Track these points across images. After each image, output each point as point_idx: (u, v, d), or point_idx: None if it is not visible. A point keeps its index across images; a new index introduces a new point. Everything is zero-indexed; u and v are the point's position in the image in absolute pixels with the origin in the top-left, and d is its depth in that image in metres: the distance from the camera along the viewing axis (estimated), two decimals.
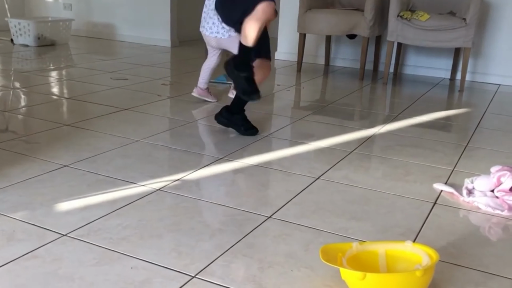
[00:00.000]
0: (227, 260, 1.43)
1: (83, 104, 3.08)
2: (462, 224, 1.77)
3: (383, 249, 1.35)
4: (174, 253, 1.45)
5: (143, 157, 2.19)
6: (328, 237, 1.59)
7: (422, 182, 2.10)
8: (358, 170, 2.20)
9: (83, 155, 2.17)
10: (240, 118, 2.59)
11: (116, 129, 2.57)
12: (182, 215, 1.68)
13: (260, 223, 1.66)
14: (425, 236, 1.64)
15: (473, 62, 4.41)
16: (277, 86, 4.02)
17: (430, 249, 1.31)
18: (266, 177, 2.07)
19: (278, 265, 1.42)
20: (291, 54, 4.82)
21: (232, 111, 2.58)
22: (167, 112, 3.04)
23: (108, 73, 4.00)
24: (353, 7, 4.49)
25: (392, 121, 3.02)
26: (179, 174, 2.02)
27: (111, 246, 1.46)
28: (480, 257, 1.52)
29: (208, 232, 1.58)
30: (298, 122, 2.94)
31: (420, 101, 3.63)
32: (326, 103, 3.48)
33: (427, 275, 1.22)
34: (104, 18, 6.05)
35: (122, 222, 1.61)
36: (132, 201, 1.76)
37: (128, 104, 3.06)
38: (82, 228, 1.55)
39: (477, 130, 2.93)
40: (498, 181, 1.93)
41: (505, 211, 1.83)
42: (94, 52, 5.13)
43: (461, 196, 1.93)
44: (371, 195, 1.94)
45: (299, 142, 2.53)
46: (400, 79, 4.49)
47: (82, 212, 1.66)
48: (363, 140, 2.62)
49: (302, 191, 1.94)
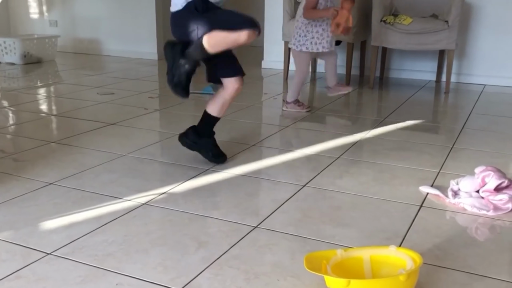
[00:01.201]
0: (213, 272, 1.42)
1: (70, 121, 3.07)
2: (448, 226, 1.78)
3: (368, 255, 1.35)
4: (160, 267, 1.44)
5: (129, 172, 2.18)
6: (314, 245, 1.59)
7: (408, 185, 2.10)
8: (344, 176, 2.20)
9: (68, 172, 2.16)
10: (209, 142, 2.32)
11: (102, 144, 2.56)
12: (168, 229, 1.68)
13: (246, 234, 1.66)
14: (411, 239, 1.64)
15: (458, 63, 4.44)
16: (264, 94, 4.03)
17: (414, 253, 1.31)
18: (252, 187, 2.07)
19: (264, 275, 1.42)
20: (278, 63, 4.84)
21: (200, 133, 2.31)
22: (154, 125, 3.04)
23: (95, 88, 4.00)
24: None
25: (379, 125, 3.03)
26: (165, 187, 2.02)
27: (96, 263, 1.46)
28: (466, 258, 1.53)
29: (194, 245, 1.57)
30: (285, 130, 2.95)
31: (407, 104, 3.65)
32: (313, 110, 3.49)
33: (411, 279, 1.23)
34: (90, 33, 6.05)
35: (107, 238, 1.60)
36: (117, 216, 1.76)
37: (115, 119, 3.05)
38: (66, 246, 1.55)
39: (463, 131, 2.95)
40: (483, 182, 1.94)
41: (491, 211, 1.84)
42: (80, 68, 5.12)
43: (447, 197, 1.94)
44: (357, 201, 1.94)
45: (286, 150, 2.53)
46: (386, 83, 4.52)
47: (67, 229, 1.66)
48: (350, 145, 2.63)
49: (288, 199, 1.94)
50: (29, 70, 4.90)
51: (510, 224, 1.78)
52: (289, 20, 4.32)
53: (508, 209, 1.85)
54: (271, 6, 4.93)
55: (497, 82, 4.39)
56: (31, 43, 5.26)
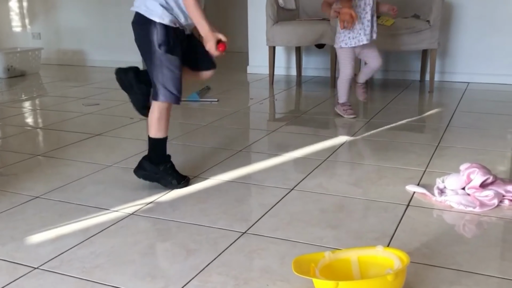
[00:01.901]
0: (202, 280, 1.42)
1: (55, 133, 3.05)
2: (435, 224, 1.79)
3: (356, 256, 1.36)
4: (148, 277, 1.43)
5: (115, 182, 2.17)
6: (303, 248, 1.59)
7: (395, 185, 2.11)
8: (332, 178, 2.21)
9: (54, 184, 2.15)
10: (168, 167, 2.11)
11: (88, 155, 2.55)
12: (156, 238, 1.67)
13: (235, 240, 1.65)
14: (399, 239, 1.65)
15: (441, 62, 4.48)
16: (251, 100, 4.04)
17: (401, 252, 1.32)
18: (240, 192, 2.07)
19: (253, 280, 1.41)
20: (263, 67, 4.85)
21: (154, 161, 2.11)
22: (140, 134, 3.02)
23: (80, 100, 3.98)
24: (319, 17, 4.53)
25: (365, 126, 3.05)
26: (152, 197, 2.01)
27: (84, 275, 1.44)
28: (453, 256, 1.54)
29: (182, 253, 1.57)
30: (272, 134, 2.95)
31: (392, 104, 3.68)
32: (300, 113, 3.50)
33: (398, 278, 1.23)
34: (73, 45, 6.02)
35: (95, 250, 1.59)
36: (104, 227, 1.75)
37: (101, 130, 3.04)
38: (54, 260, 1.53)
39: (448, 129, 2.97)
40: (468, 179, 1.95)
41: (477, 208, 1.85)
42: (65, 80, 5.10)
43: (433, 196, 1.95)
44: (345, 202, 1.95)
45: (273, 154, 2.53)
46: (371, 84, 4.54)
47: (54, 243, 1.64)
48: (337, 147, 2.64)
49: (276, 204, 1.94)
50: (13, 84, 4.86)
51: (497, 220, 1.79)
52: (273, 25, 4.33)
53: (494, 205, 1.86)
54: (254, 11, 4.94)
55: (480, 80, 4.43)
56: (14, 56, 5.22)
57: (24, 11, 6.24)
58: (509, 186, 1.93)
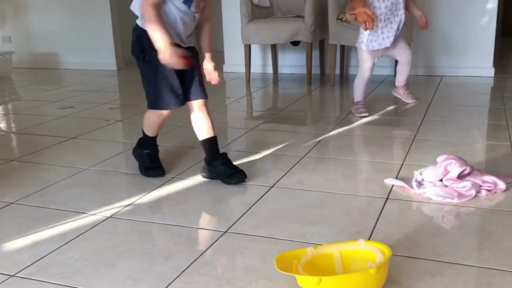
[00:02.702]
0: (184, 281, 1.40)
1: (29, 137, 2.99)
2: (415, 216, 1.80)
3: (338, 251, 1.36)
4: (129, 280, 1.41)
5: (92, 185, 2.13)
6: (285, 245, 1.59)
7: (373, 179, 2.12)
8: (311, 174, 2.21)
9: (30, 190, 2.10)
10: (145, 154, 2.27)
11: (64, 159, 2.50)
12: (136, 241, 1.65)
13: (216, 239, 1.64)
14: (380, 232, 1.66)
15: (415, 56, 4.50)
16: (228, 98, 4.02)
17: (382, 245, 1.32)
18: (220, 192, 2.06)
19: (236, 279, 1.40)
20: (239, 66, 4.83)
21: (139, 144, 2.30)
22: (116, 136, 2.99)
23: (54, 103, 3.91)
24: (293, 14, 4.54)
25: (342, 122, 3.06)
26: (131, 199, 1.98)
27: (63, 281, 1.41)
28: (434, 247, 1.55)
29: (163, 255, 1.55)
30: (250, 132, 2.94)
31: (367, 99, 3.69)
32: (277, 111, 3.50)
33: (381, 271, 1.23)
34: (46, 47, 5.92)
35: (73, 254, 1.56)
36: (83, 231, 1.71)
37: (76, 133, 2.99)
38: (31, 266, 1.50)
39: (423, 122, 3.00)
40: (445, 170, 1.97)
41: (455, 199, 1.87)
42: (38, 83, 5.01)
43: (412, 188, 1.97)
44: (325, 198, 1.95)
45: (253, 152, 2.52)
46: (346, 80, 4.57)
47: (31, 249, 1.61)
48: (315, 143, 2.64)
49: (257, 202, 1.93)
50: None
51: (475, 210, 1.81)
52: (247, 23, 4.32)
53: (472, 195, 1.88)
54: (228, 10, 4.93)
55: (453, 73, 4.50)
56: None
57: None
58: (486, 177, 1.96)
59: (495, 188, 1.93)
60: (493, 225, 1.69)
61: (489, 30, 4.36)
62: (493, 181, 1.95)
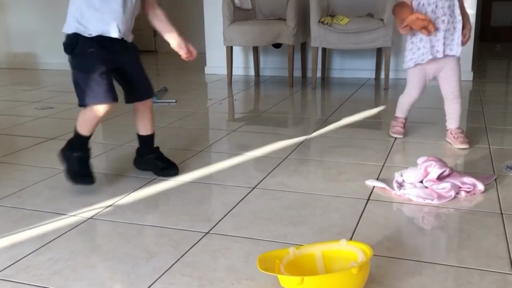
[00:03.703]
0: (165, 282, 1.39)
1: (7, 138, 2.94)
2: (395, 217, 1.82)
3: (320, 251, 1.36)
4: (110, 282, 1.40)
5: (72, 187, 2.10)
6: (267, 246, 1.59)
7: (354, 180, 2.14)
8: (293, 175, 2.21)
9: (7, 190, 2.07)
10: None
11: (43, 160, 2.47)
12: (116, 242, 1.63)
13: (198, 240, 1.63)
14: (361, 232, 1.67)
15: (395, 60, 4.57)
16: (209, 100, 4.01)
17: (364, 245, 1.33)
18: (202, 193, 2.05)
19: (218, 280, 1.40)
20: (221, 68, 4.82)
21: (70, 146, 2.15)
22: (96, 137, 2.94)
23: (33, 103, 3.86)
24: (275, 16, 4.56)
25: (323, 124, 3.08)
26: (111, 200, 1.96)
27: (42, 282, 1.39)
28: (414, 247, 1.57)
29: (144, 256, 1.53)
30: (232, 134, 2.94)
31: (348, 102, 3.73)
32: (259, 113, 3.50)
33: (363, 271, 1.24)
34: (24, 47, 5.83)
35: (52, 256, 1.54)
36: (62, 233, 1.69)
37: (55, 133, 2.95)
38: (9, 268, 1.47)
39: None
40: (426, 172, 1.99)
41: (435, 200, 1.89)
42: (16, 83, 4.93)
43: (393, 190, 1.99)
44: (307, 199, 1.96)
45: (234, 154, 2.52)
46: (328, 83, 4.60)
47: (8, 251, 1.58)
48: (297, 145, 2.65)
49: (239, 203, 1.93)
50: None
51: (454, 211, 1.84)
52: (229, 25, 4.32)
53: (451, 196, 1.91)
54: (210, 11, 4.92)
55: None
56: None
57: None
58: (465, 178, 1.98)
59: (474, 190, 1.96)
60: (472, 225, 1.71)
61: None
62: (472, 182, 1.97)
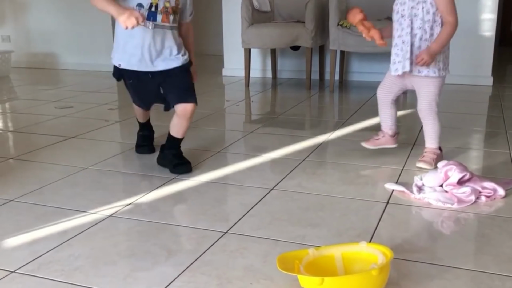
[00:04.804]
0: (185, 280, 1.40)
1: (28, 136, 2.98)
2: (415, 220, 1.81)
3: (339, 252, 1.36)
4: (130, 278, 1.41)
5: (92, 184, 2.13)
6: (285, 246, 1.59)
7: (373, 183, 2.13)
8: (311, 177, 2.21)
9: (29, 188, 2.10)
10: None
11: (63, 158, 2.50)
12: (136, 239, 1.64)
13: (217, 240, 1.64)
14: (380, 235, 1.66)
15: None
16: (227, 102, 4.03)
17: (384, 248, 1.32)
18: (220, 193, 2.06)
19: (237, 279, 1.40)
20: (238, 70, 4.84)
21: None
22: (116, 136, 2.99)
23: (53, 103, 3.91)
24: (293, 19, 4.56)
25: (341, 127, 3.07)
26: (131, 198, 1.98)
27: (63, 278, 1.41)
28: (434, 251, 1.56)
29: (163, 254, 1.54)
30: (249, 135, 2.94)
31: (367, 105, 3.71)
32: (276, 115, 3.51)
33: (383, 273, 1.24)
34: (44, 47, 5.91)
35: (73, 252, 1.56)
36: (83, 230, 1.71)
37: (75, 132, 2.98)
38: (31, 263, 1.49)
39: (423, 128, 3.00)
40: (446, 176, 1.98)
41: (455, 204, 1.88)
42: (37, 83, 5.00)
43: (412, 193, 1.98)
44: (325, 201, 1.95)
45: (252, 155, 2.52)
46: (346, 86, 4.58)
47: (31, 246, 1.60)
48: (314, 147, 2.65)
49: (257, 204, 1.93)
50: None
51: (474, 216, 1.82)
52: (248, 27, 4.33)
53: (471, 201, 1.89)
54: (229, 14, 4.94)
55: (451, 81, 4.51)
56: None
57: None
58: (486, 183, 1.97)
59: (494, 194, 1.94)
60: (492, 230, 1.70)
61: (488, 39, 4.38)
62: (493, 187, 1.96)
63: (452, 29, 2.19)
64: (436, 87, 2.34)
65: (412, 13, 2.19)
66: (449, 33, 2.20)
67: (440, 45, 2.22)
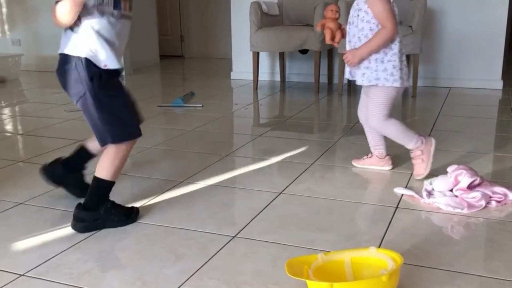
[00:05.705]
0: (193, 284, 1.40)
1: (37, 139, 3.00)
2: (424, 225, 1.79)
3: (349, 257, 1.35)
4: (138, 282, 1.41)
5: None
6: (294, 251, 1.58)
7: (383, 188, 2.12)
8: (319, 181, 2.20)
9: (38, 191, 2.10)
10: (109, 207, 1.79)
11: None
12: (144, 243, 1.64)
13: (225, 244, 1.63)
14: (389, 240, 1.65)
15: (423, 67, 4.53)
16: (235, 105, 4.03)
17: (394, 253, 1.31)
18: (228, 197, 2.05)
19: (246, 284, 1.40)
20: (247, 73, 4.85)
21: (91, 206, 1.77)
22: None
23: (62, 106, 3.92)
24: (302, 22, 4.56)
25: (350, 131, 3.06)
26: (140, 202, 1.98)
27: (72, 281, 1.41)
28: (444, 257, 1.54)
29: (171, 258, 1.54)
30: (258, 139, 2.94)
31: None
32: (285, 118, 3.50)
33: (393, 279, 1.23)
34: (54, 51, 5.85)
35: (82, 256, 1.56)
36: (92, 233, 1.71)
37: (84, 136, 2.97)
38: (40, 266, 1.50)
39: (432, 133, 3.00)
40: (456, 180, 1.96)
41: (465, 209, 1.86)
42: (46, 86, 5.03)
43: (422, 198, 1.96)
44: (334, 205, 1.94)
45: (260, 159, 2.52)
46: (354, 89, 4.57)
47: (40, 249, 1.61)
48: (323, 151, 2.64)
49: (265, 208, 1.93)
50: None
51: (484, 221, 1.80)
52: (256, 31, 4.34)
53: (482, 206, 1.88)
54: (238, 17, 4.95)
55: (461, 85, 4.50)
56: None
57: (3, 17, 6.16)
58: (496, 188, 1.95)
59: (505, 199, 1.93)
60: (503, 236, 1.68)
61: (498, 42, 4.36)
62: (503, 192, 1.94)
63: (386, 33, 2.06)
64: (382, 97, 2.24)
65: (351, 21, 2.16)
66: (381, 37, 2.06)
67: (368, 47, 2.09)
